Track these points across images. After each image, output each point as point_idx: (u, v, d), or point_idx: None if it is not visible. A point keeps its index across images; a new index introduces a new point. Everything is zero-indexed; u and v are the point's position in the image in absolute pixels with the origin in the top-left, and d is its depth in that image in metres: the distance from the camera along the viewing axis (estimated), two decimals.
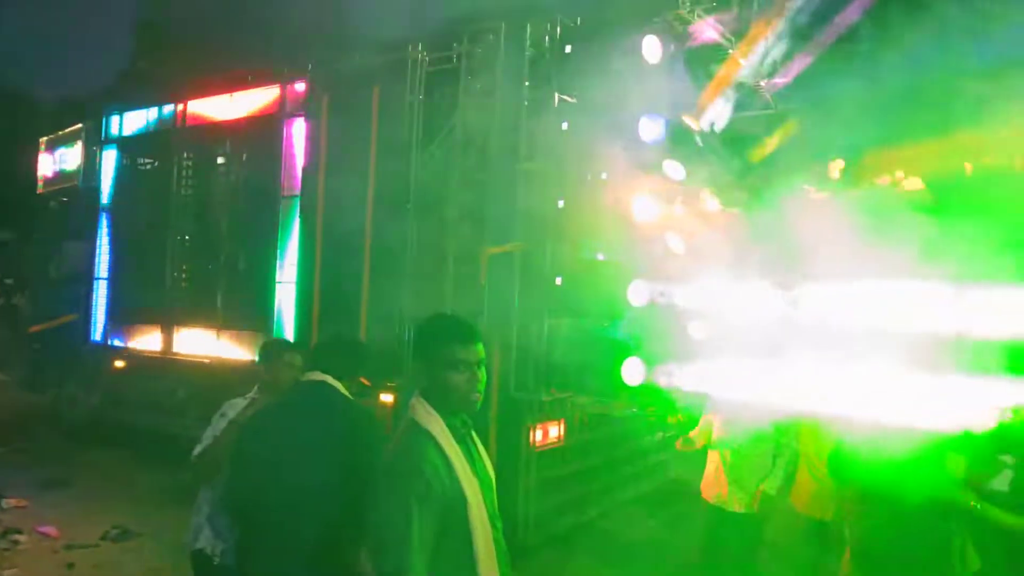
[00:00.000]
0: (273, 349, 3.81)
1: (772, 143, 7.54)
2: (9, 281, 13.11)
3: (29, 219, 11.44)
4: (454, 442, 2.55)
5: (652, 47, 5.48)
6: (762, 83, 7.10)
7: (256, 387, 3.78)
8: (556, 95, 5.82)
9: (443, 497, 2.37)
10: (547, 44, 5.96)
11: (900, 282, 4.32)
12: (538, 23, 6.00)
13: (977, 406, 3.41)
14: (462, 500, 2.42)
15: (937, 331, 3.95)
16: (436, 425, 2.52)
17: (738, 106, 7.48)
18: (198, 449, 3.49)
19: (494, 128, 6.06)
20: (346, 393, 3.27)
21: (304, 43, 7.27)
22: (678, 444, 5.50)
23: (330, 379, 3.21)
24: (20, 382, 11.06)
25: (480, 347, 2.58)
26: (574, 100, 5.91)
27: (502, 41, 6.00)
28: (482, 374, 2.59)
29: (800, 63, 7.67)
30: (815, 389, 4.17)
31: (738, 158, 7.31)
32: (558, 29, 5.87)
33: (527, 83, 5.94)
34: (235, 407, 3.67)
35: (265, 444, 3.05)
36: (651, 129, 5.57)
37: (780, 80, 7.18)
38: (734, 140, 7.15)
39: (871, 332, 4.23)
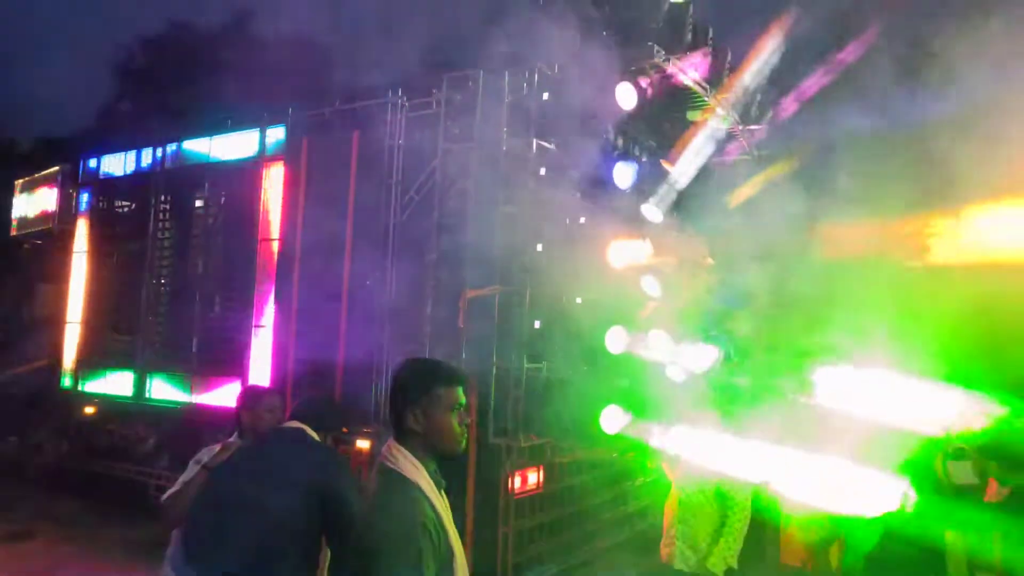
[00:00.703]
0: (253, 395, 3.76)
1: (750, 189, 7.65)
2: None
3: (1, 261, 11.28)
4: (438, 492, 2.51)
5: (627, 94, 5.57)
6: (739, 128, 7.23)
7: (235, 433, 3.72)
8: (534, 141, 5.86)
9: (439, 553, 2.32)
10: (525, 91, 6.03)
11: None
12: (516, 71, 6.07)
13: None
14: (451, 554, 2.39)
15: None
16: (422, 476, 2.46)
17: (716, 152, 7.63)
18: (168, 493, 3.40)
19: (473, 173, 6.08)
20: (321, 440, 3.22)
21: (284, 88, 7.31)
22: None
23: (307, 428, 3.17)
24: None
25: None
26: (552, 146, 5.96)
27: (481, 88, 6.06)
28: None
29: (779, 111, 7.85)
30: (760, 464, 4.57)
31: (716, 203, 7.40)
32: (536, 77, 5.94)
33: (505, 129, 5.99)
34: (212, 453, 3.60)
35: (232, 486, 2.98)
36: (625, 174, 5.62)
37: (757, 127, 7.32)
38: (713, 185, 7.25)
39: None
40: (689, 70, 6.15)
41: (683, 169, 6.52)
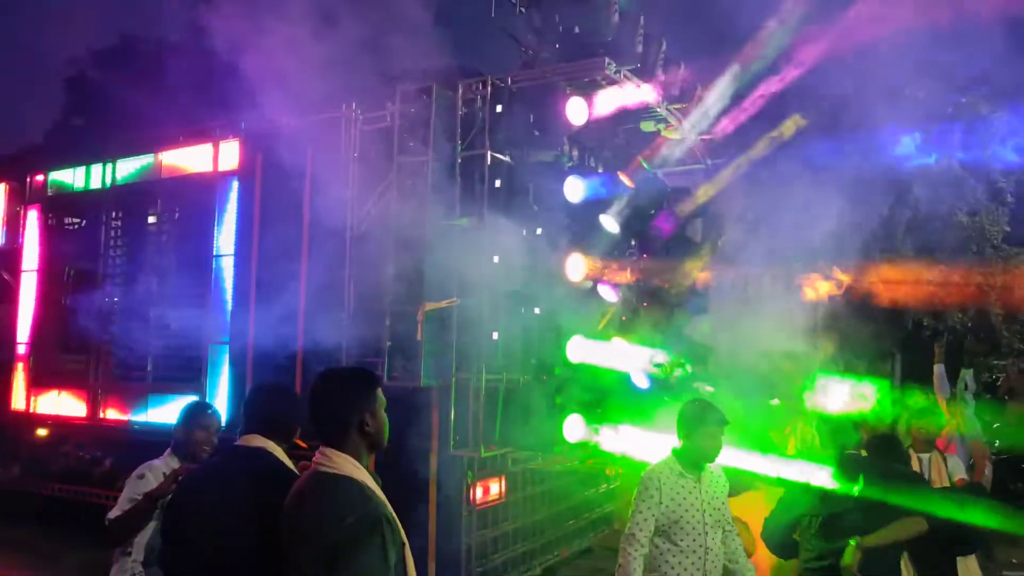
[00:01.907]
0: (191, 412, 3.71)
1: (701, 196, 7.78)
2: None
3: None
4: (379, 488, 2.58)
5: (577, 109, 5.63)
6: (692, 138, 7.34)
7: (168, 449, 3.68)
8: (488, 153, 5.89)
9: (396, 544, 2.47)
10: (478, 104, 6.06)
11: None
12: (469, 83, 6.11)
13: None
14: (402, 543, 2.53)
15: None
16: (365, 475, 2.58)
17: (670, 161, 7.74)
18: (114, 513, 3.34)
19: (428, 186, 6.09)
20: (285, 460, 3.00)
21: (238, 102, 7.23)
22: None
23: (269, 444, 2.98)
24: None
25: None
26: (506, 158, 6.00)
27: (434, 101, 6.08)
28: None
29: (730, 122, 8.00)
30: None
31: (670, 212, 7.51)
32: (489, 89, 5.98)
33: (459, 142, 6.02)
34: (153, 469, 3.55)
35: (197, 517, 2.85)
36: (577, 188, 5.68)
37: (707, 136, 7.44)
38: (666, 194, 7.35)
39: None
40: (641, 83, 6.22)
41: (638, 179, 6.61)
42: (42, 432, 8.71)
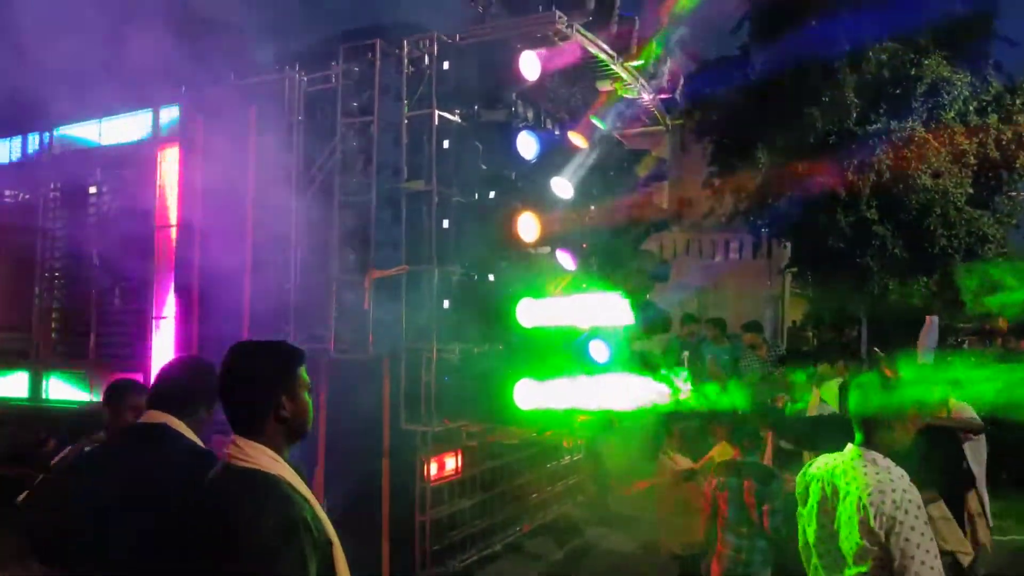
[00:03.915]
0: (117, 390, 3.48)
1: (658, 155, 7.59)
2: None
3: None
4: (302, 481, 2.33)
5: (530, 63, 5.38)
6: (647, 97, 7.13)
7: (101, 432, 3.44)
8: (436, 113, 5.63)
9: (319, 544, 2.20)
10: (425, 61, 5.78)
11: None
12: (416, 40, 5.82)
13: None
14: (328, 543, 2.26)
15: None
16: (284, 468, 2.29)
17: (626, 121, 7.53)
18: (23, 495, 3.13)
19: (374, 148, 5.83)
20: (191, 436, 2.80)
21: (179, 65, 6.87)
22: None
23: (171, 420, 2.76)
24: None
25: None
26: (455, 118, 5.74)
27: (378, 59, 5.79)
28: None
29: (684, 76, 7.79)
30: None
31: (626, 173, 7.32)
32: (435, 46, 5.70)
33: (406, 101, 5.74)
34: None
35: (83, 495, 2.66)
36: (529, 145, 5.45)
37: (664, 95, 7.24)
38: (622, 155, 7.15)
39: None
40: (594, 37, 5.98)
41: (593, 140, 6.39)
42: None
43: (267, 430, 2.28)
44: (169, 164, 7.08)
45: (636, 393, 5.49)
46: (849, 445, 3.08)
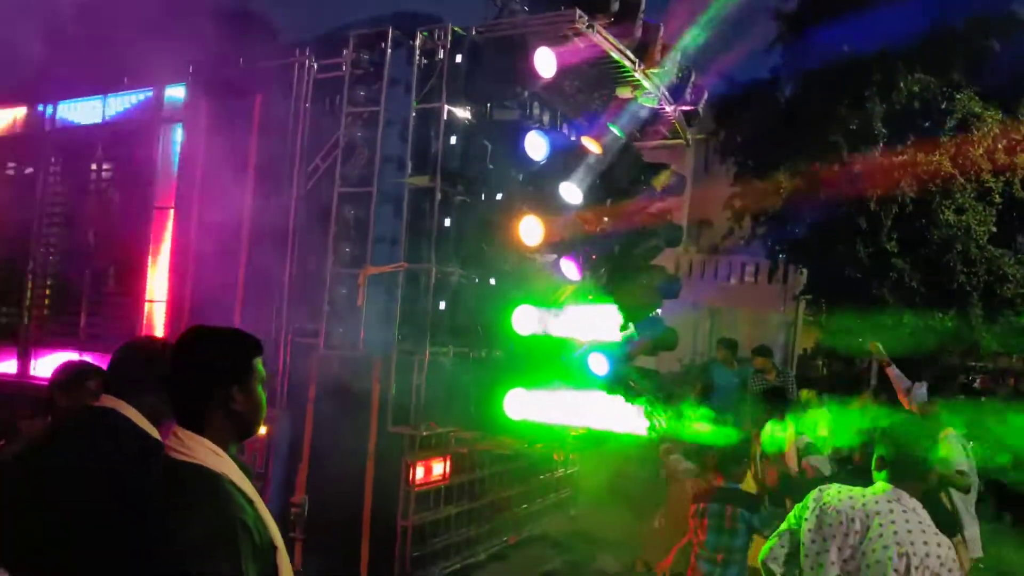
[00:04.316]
0: (71, 374, 3.21)
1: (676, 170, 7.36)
2: None
3: None
4: (247, 480, 2.12)
5: (545, 60, 5.16)
6: (668, 108, 6.92)
7: (50, 417, 3.21)
8: (445, 107, 5.43)
9: (262, 548, 2.02)
10: (438, 54, 5.59)
11: None
12: (428, 30, 5.63)
13: None
14: (272, 548, 2.09)
15: None
16: (227, 465, 2.08)
17: (645, 131, 7.30)
18: None
19: (380, 140, 5.63)
20: (143, 424, 2.52)
21: (185, 43, 6.72)
22: None
23: (122, 406, 2.51)
24: None
25: None
26: (465, 114, 5.55)
27: (389, 48, 5.60)
28: None
29: (710, 93, 7.55)
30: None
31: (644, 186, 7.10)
32: (449, 39, 5.51)
33: (415, 94, 5.55)
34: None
35: (19, 488, 2.45)
36: (539, 146, 5.23)
37: (687, 107, 7.02)
38: (639, 165, 6.93)
39: None
40: (615, 39, 5.76)
41: (607, 146, 6.17)
42: None
43: (214, 423, 2.09)
44: (171, 144, 6.92)
45: (618, 419, 5.33)
46: (878, 483, 2.92)
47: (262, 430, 6.03)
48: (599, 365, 6.60)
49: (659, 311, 7.86)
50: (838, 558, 2.84)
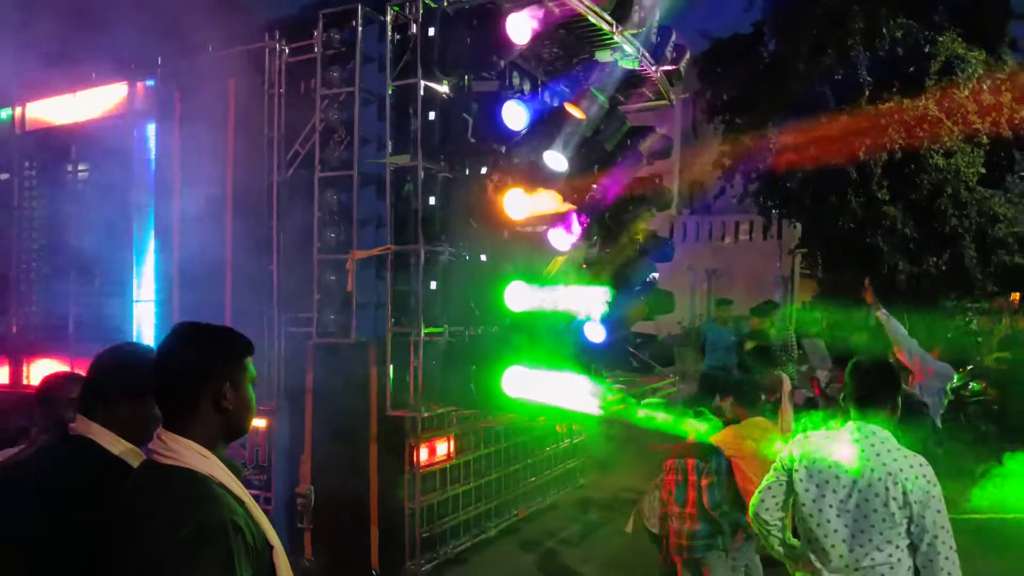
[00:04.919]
0: (49, 384, 3.05)
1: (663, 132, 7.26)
2: None
3: None
4: (237, 481, 2.05)
5: (519, 26, 5.02)
6: (651, 69, 6.79)
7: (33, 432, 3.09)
8: (421, 83, 5.31)
9: (255, 549, 1.97)
10: (411, 28, 5.45)
11: None
12: (400, 5, 5.48)
13: None
14: (268, 547, 2.04)
15: None
16: (216, 466, 2.01)
17: (628, 94, 7.18)
18: None
19: (357, 121, 5.51)
20: (119, 448, 2.30)
21: (154, 35, 6.54)
22: None
23: (93, 430, 2.29)
24: None
25: None
26: (442, 88, 5.42)
27: (360, 26, 5.45)
28: None
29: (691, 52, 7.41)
30: None
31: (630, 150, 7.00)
32: (420, 11, 5.36)
33: (389, 71, 5.42)
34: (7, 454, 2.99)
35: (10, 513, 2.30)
36: (518, 116, 5.11)
37: (668, 67, 6.89)
38: (624, 129, 6.82)
39: None
40: (591, 3, 5.62)
41: (590, 111, 6.04)
42: None
43: (201, 422, 2.02)
44: (145, 139, 6.78)
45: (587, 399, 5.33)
46: (848, 423, 3.02)
47: (262, 423, 6.06)
48: (596, 333, 6.57)
49: (655, 275, 7.82)
50: (835, 500, 2.91)
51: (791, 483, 3.04)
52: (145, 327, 6.83)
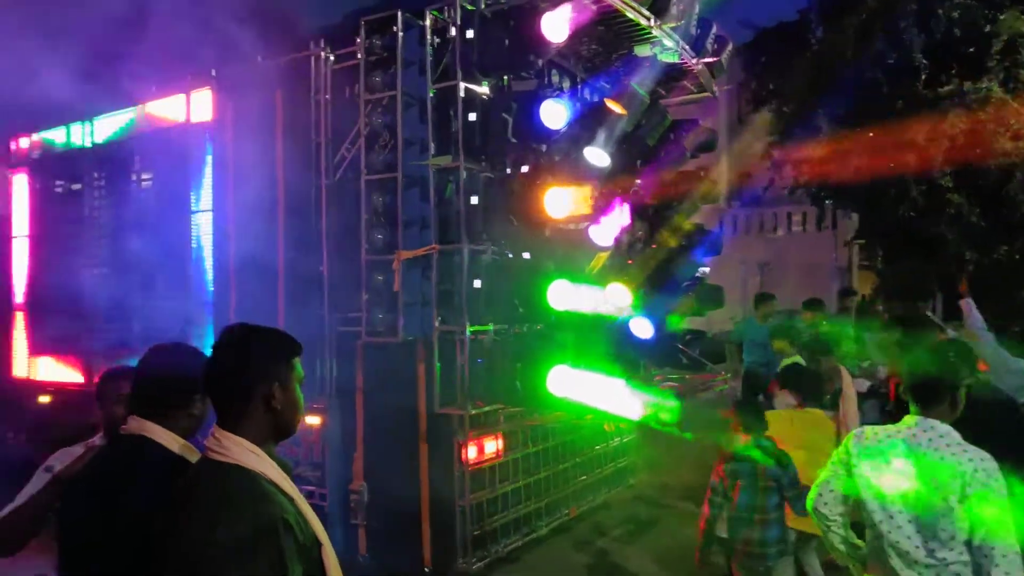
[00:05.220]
0: (104, 381, 3.10)
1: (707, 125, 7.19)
2: None
3: None
4: (288, 478, 2.14)
5: (555, 24, 5.05)
6: (692, 61, 6.73)
7: (96, 437, 3.23)
8: (461, 84, 5.39)
9: (305, 546, 2.03)
10: (450, 31, 5.54)
11: None
12: (439, 9, 5.58)
13: None
14: (317, 544, 2.10)
15: None
16: (267, 464, 2.10)
17: (669, 89, 7.13)
18: (6, 511, 2.83)
19: (400, 124, 5.62)
20: (174, 444, 2.42)
21: (210, 48, 6.81)
22: None
23: (147, 428, 2.40)
24: None
25: None
26: (481, 89, 5.49)
27: (400, 31, 5.56)
28: None
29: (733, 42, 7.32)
30: None
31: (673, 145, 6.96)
32: (459, 14, 5.44)
33: (429, 74, 5.52)
34: (71, 455, 3.09)
35: (79, 511, 2.42)
36: (558, 114, 5.14)
37: (710, 59, 6.82)
38: (666, 123, 6.78)
39: None
40: None
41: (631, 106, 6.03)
42: (44, 399, 8.57)
43: (254, 422, 2.10)
44: (202, 148, 7.03)
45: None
46: (908, 417, 2.90)
47: (316, 420, 6.23)
48: (643, 329, 6.55)
49: (705, 270, 7.75)
50: (898, 497, 2.82)
51: (850, 478, 2.96)
52: (202, 327, 7.09)
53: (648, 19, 5.83)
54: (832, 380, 6.07)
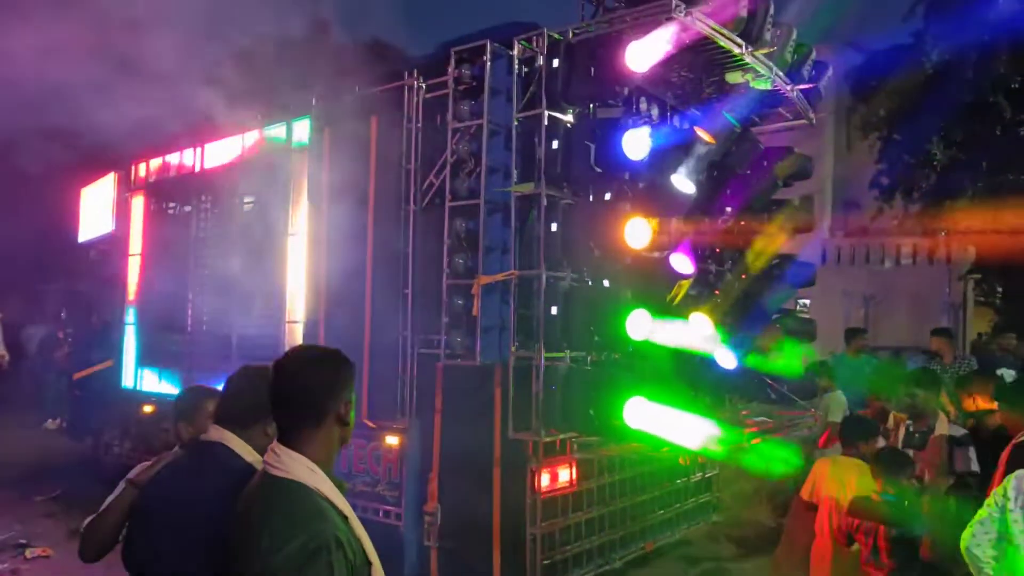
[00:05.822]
0: (191, 400, 3.24)
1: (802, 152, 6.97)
2: (70, 330, 13.52)
3: (73, 268, 11.77)
4: (341, 496, 2.20)
5: (637, 56, 5.02)
6: (787, 88, 6.56)
7: (177, 448, 3.39)
8: (546, 113, 5.43)
9: (356, 565, 2.09)
10: (538, 60, 5.61)
11: None
12: (527, 39, 5.66)
13: None
14: (367, 564, 2.16)
15: None
16: (323, 481, 2.17)
17: (763, 117, 6.97)
18: (90, 519, 2.96)
19: (484, 152, 5.72)
20: (249, 455, 2.61)
21: (311, 78, 7.16)
22: None
23: (227, 437, 2.61)
24: (67, 429, 11.26)
25: None
26: (566, 117, 5.51)
27: (488, 60, 5.67)
28: None
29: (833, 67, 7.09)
30: None
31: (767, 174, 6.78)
32: (546, 43, 5.50)
33: (516, 102, 5.59)
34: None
35: (157, 512, 2.62)
36: (641, 143, 5.09)
37: (807, 86, 6.63)
38: (756, 152, 6.61)
39: None
40: (718, 25, 5.52)
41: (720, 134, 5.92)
42: (147, 409, 9.10)
43: (327, 437, 2.20)
44: (299, 174, 7.35)
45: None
46: None
47: (395, 440, 6.34)
48: (727, 360, 6.36)
49: (805, 301, 7.47)
50: None
51: (1004, 520, 2.90)
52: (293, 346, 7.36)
53: (740, 46, 5.72)
54: (926, 418, 5.68)
